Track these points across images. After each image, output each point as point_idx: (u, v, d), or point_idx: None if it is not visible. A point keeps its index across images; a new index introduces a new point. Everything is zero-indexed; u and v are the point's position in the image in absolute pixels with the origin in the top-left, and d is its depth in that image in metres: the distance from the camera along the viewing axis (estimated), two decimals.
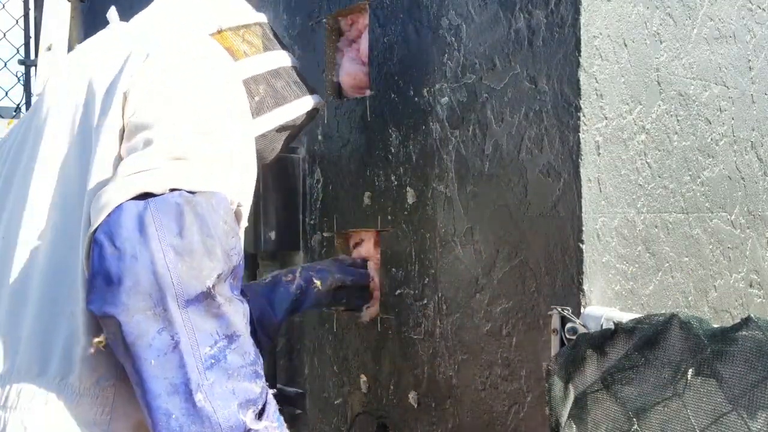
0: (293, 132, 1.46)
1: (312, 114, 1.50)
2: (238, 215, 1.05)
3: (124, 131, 1.04)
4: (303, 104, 1.44)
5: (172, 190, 0.94)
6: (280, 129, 1.39)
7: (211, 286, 0.91)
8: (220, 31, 1.28)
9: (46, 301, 1.03)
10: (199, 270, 0.91)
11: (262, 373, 1.00)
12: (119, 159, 1.02)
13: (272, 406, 1.02)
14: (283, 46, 1.49)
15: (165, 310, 0.89)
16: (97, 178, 1.03)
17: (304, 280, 1.67)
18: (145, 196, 0.93)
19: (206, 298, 0.91)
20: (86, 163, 1.05)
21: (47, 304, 1.03)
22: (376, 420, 1.85)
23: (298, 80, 1.47)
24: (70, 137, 1.10)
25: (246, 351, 0.96)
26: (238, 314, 0.96)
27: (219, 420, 0.91)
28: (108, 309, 0.89)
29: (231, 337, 0.93)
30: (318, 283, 1.68)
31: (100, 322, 0.94)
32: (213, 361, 0.91)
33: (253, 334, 1.21)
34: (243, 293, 1.16)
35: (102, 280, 0.90)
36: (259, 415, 0.97)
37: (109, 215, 0.92)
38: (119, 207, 0.92)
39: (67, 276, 1.03)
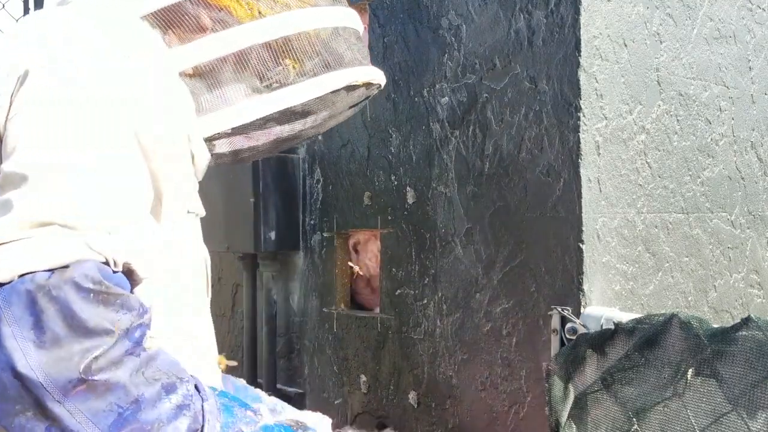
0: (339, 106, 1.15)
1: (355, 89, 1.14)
2: (131, 272, 0.92)
3: None
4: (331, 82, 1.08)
5: (23, 274, 0.82)
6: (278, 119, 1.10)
7: (83, 369, 0.81)
8: None
9: None
10: (68, 358, 0.81)
11: (189, 399, 0.91)
12: None
13: (211, 414, 0.94)
14: None
15: (43, 410, 0.80)
16: None
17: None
18: None
19: (83, 383, 0.82)
20: None
21: None
22: (376, 420, 1.85)
23: (339, 48, 1.10)
24: None
25: (156, 400, 0.87)
26: (137, 371, 0.86)
27: None
28: None
29: (136, 402, 0.85)
30: None
31: None
32: (123, 431, 0.84)
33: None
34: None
35: None
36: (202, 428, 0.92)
37: None
38: None
39: None
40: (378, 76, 1.14)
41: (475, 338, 1.63)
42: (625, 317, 1.32)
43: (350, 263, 1.97)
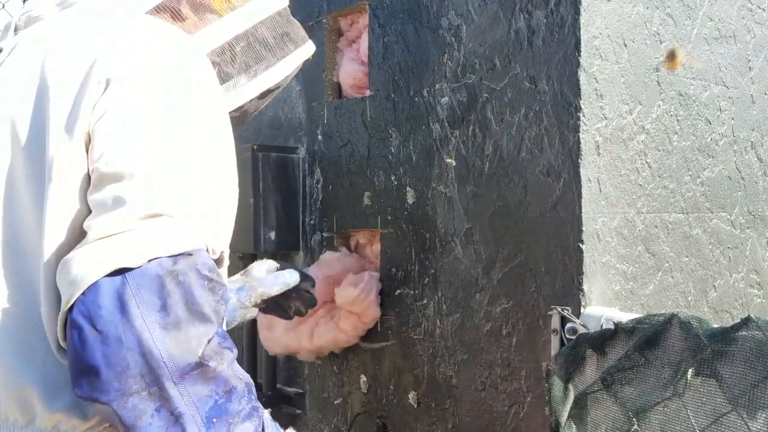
0: (281, 87, 1.34)
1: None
2: (220, 260, 0.99)
3: (89, 175, 0.94)
4: (295, 59, 1.29)
5: (150, 260, 0.88)
6: (270, 90, 1.27)
7: (201, 354, 0.88)
8: None
9: (12, 347, 0.97)
10: (188, 342, 0.87)
11: (257, 404, 0.99)
12: (85, 208, 0.94)
13: (270, 426, 1.02)
14: None
15: (160, 389, 0.86)
16: (54, 232, 0.94)
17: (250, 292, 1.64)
18: (121, 270, 0.86)
19: (200, 366, 0.88)
20: (41, 204, 0.96)
21: (14, 351, 0.97)
22: (376, 420, 1.85)
23: (288, 30, 1.29)
24: (19, 160, 0.99)
25: (241, 396, 0.94)
26: (231, 365, 0.93)
27: None
28: (99, 396, 0.85)
29: (230, 392, 0.92)
30: (241, 299, 1.64)
31: (92, 404, 0.90)
32: (215, 419, 0.90)
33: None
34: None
35: (86, 367, 0.85)
36: None
37: (84, 294, 0.86)
38: (95, 285, 0.86)
39: (31, 323, 0.96)
40: (313, 49, 1.35)
41: (475, 338, 1.63)
42: (625, 317, 1.32)
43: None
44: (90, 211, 0.94)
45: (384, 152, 1.84)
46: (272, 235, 2.01)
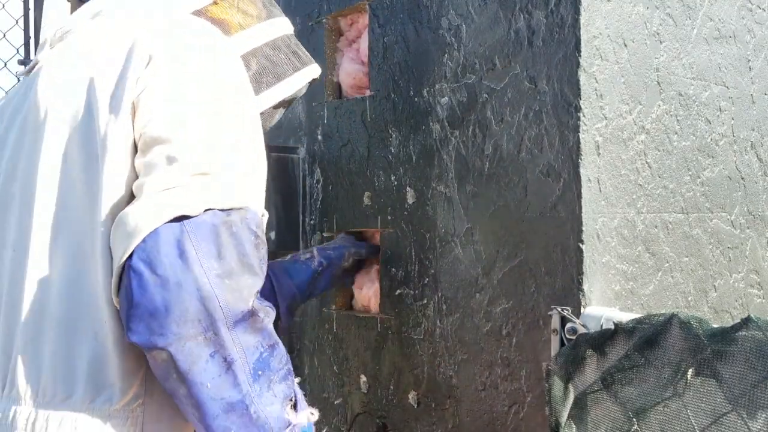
0: (289, 104, 1.43)
1: (311, 83, 1.45)
2: (261, 223, 1.04)
3: (135, 144, 1.00)
4: (303, 77, 1.38)
5: (206, 210, 0.93)
6: (279, 105, 1.34)
7: (252, 303, 0.93)
8: (215, 2, 1.22)
9: (65, 322, 1.00)
10: (240, 290, 0.92)
11: (291, 368, 1.02)
12: (133, 173, 0.99)
13: (299, 395, 1.05)
14: (278, 10, 1.42)
15: (216, 334, 0.90)
16: (109, 193, 0.99)
17: (323, 257, 1.73)
18: (178, 218, 0.91)
19: (251, 315, 0.92)
20: (94, 175, 1.01)
21: (66, 326, 1.00)
22: (376, 420, 1.85)
23: (297, 50, 1.39)
24: (73, 143, 1.05)
25: (282, 354, 0.99)
26: (271, 321, 0.98)
27: (272, 425, 0.95)
28: (157, 341, 0.88)
29: (273, 347, 0.96)
30: (337, 260, 1.75)
31: (147, 353, 0.92)
32: (260, 372, 0.94)
33: (275, 308, 1.30)
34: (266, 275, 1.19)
35: (145, 311, 0.88)
36: (294, 406, 1.02)
37: (144, 241, 0.89)
38: (155, 232, 0.89)
39: (83, 294, 0.99)
40: (319, 71, 1.48)
41: (475, 338, 1.63)
42: (625, 317, 1.32)
43: None
44: (137, 177, 0.99)
45: (384, 152, 1.84)
46: (272, 235, 2.01)
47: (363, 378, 1.89)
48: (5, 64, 3.44)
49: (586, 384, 1.31)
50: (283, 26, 1.37)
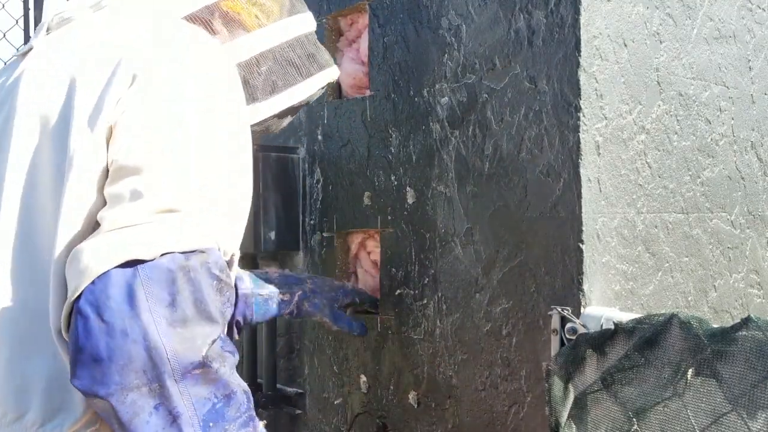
0: (303, 106, 1.36)
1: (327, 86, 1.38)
2: (231, 263, 0.98)
3: (108, 169, 0.95)
4: (315, 82, 1.31)
5: (164, 254, 0.87)
6: (287, 112, 1.28)
7: (205, 354, 0.87)
8: None
9: (21, 341, 0.95)
10: (193, 340, 0.86)
11: (254, 414, 0.97)
12: (100, 201, 0.94)
13: None
14: (302, 4, 1.32)
15: (161, 386, 0.85)
16: (68, 218, 0.94)
17: (296, 307, 1.63)
18: (133, 261, 0.85)
19: (202, 366, 0.87)
20: (60, 192, 0.96)
21: (22, 345, 0.95)
22: (376, 420, 1.85)
23: (314, 51, 1.30)
24: (44, 150, 0.99)
25: (240, 403, 0.93)
26: (232, 369, 0.92)
27: None
28: (99, 389, 0.83)
29: (229, 396, 0.91)
30: (309, 312, 1.65)
31: (88, 400, 0.88)
32: (211, 423, 0.88)
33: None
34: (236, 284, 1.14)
35: (89, 357, 0.83)
36: None
37: (93, 283, 0.84)
38: (106, 275, 0.84)
39: (42, 315, 0.95)
40: (338, 73, 1.42)
41: (475, 338, 1.63)
42: (625, 317, 1.32)
43: None
44: (105, 204, 0.93)
45: (384, 152, 1.84)
46: (272, 235, 2.01)
47: (363, 378, 1.89)
48: (5, 64, 3.44)
49: (586, 384, 1.31)
50: (302, 24, 1.29)
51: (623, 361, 1.25)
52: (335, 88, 2.04)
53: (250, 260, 2.14)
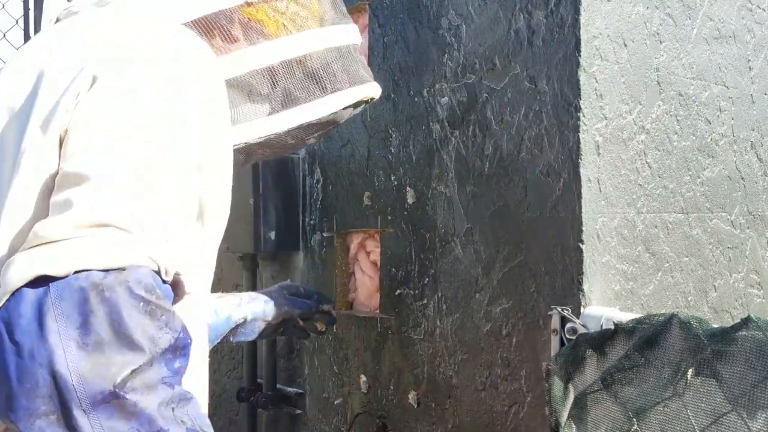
0: (331, 124, 1.24)
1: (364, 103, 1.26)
2: (178, 284, 0.88)
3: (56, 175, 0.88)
4: (342, 98, 1.19)
5: (78, 271, 0.79)
6: (315, 126, 1.18)
7: (119, 383, 0.77)
8: (249, 3, 1.08)
9: None
10: (106, 366, 0.77)
11: None
12: (46, 209, 0.88)
13: None
14: (342, 13, 1.22)
15: (67, 417, 0.76)
16: (11, 224, 0.89)
17: (250, 312, 1.63)
18: (45, 278, 0.78)
19: (114, 398, 0.77)
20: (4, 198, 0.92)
21: None
22: (376, 420, 1.85)
23: (347, 65, 1.19)
24: (8, 143, 0.95)
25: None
26: (166, 404, 0.81)
27: None
28: (8, 413, 0.77)
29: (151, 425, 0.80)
30: (264, 317, 1.65)
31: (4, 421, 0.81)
32: None
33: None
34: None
35: (0, 379, 0.77)
36: None
37: (8, 300, 0.78)
38: (19, 292, 0.77)
39: None
40: (378, 91, 1.25)
41: (475, 338, 1.63)
42: (625, 317, 1.32)
43: None
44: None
45: (384, 152, 1.84)
46: (272, 235, 2.01)
47: (363, 378, 1.89)
48: (5, 64, 3.44)
49: (586, 384, 1.31)
50: (341, 35, 1.19)
51: (623, 361, 1.25)
52: None
53: (250, 260, 2.14)
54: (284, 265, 2.13)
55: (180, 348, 0.83)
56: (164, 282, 0.84)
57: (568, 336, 1.39)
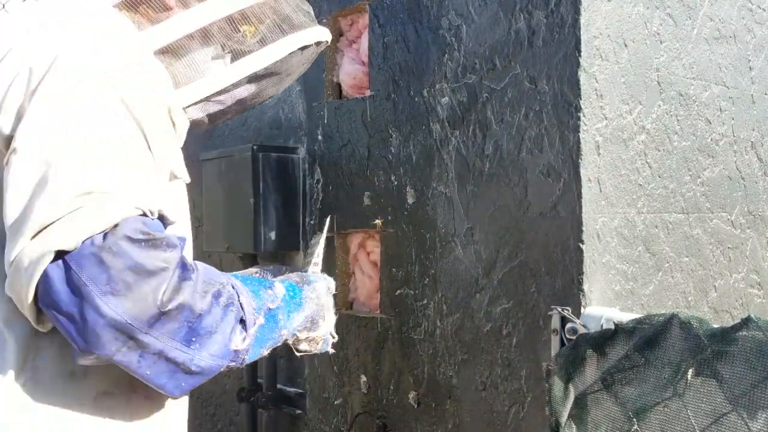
0: (290, 71, 1.30)
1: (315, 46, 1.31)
2: (163, 218, 1.05)
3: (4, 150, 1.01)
4: (285, 46, 1.24)
5: (84, 240, 0.96)
6: (268, 74, 1.25)
7: (159, 303, 0.97)
8: None
9: None
10: (143, 298, 0.96)
11: (231, 300, 1.07)
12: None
13: (247, 304, 1.11)
14: None
15: (135, 342, 0.97)
16: None
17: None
18: (60, 254, 0.95)
19: (161, 313, 0.98)
20: None
21: None
22: (376, 420, 1.85)
23: (290, 13, 1.25)
24: None
25: (213, 306, 1.04)
26: (193, 291, 1.02)
27: (216, 363, 1.04)
28: (89, 352, 0.97)
29: (199, 317, 1.02)
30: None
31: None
32: (193, 339, 1.02)
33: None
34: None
35: (73, 340, 0.97)
36: (244, 324, 1.10)
37: (39, 284, 0.96)
38: (45, 275, 0.95)
39: None
40: (326, 35, 1.30)
41: (475, 338, 1.63)
42: (625, 317, 1.32)
43: None
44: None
45: (384, 152, 1.84)
46: (272, 235, 2.01)
47: (363, 378, 1.89)
48: None
49: (586, 384, 1.31)
50: None
51: (623, 362, 1.25)
52: (335, 88, 2.04)
53: (250, 260, 2.14)
54: (284, 265, 2.13)
55: (182, 248, 1.03)
56: (152, 219, 1.02)
57: (568, 336, 1.39)
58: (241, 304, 1.10)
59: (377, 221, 1.84)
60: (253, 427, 2.18)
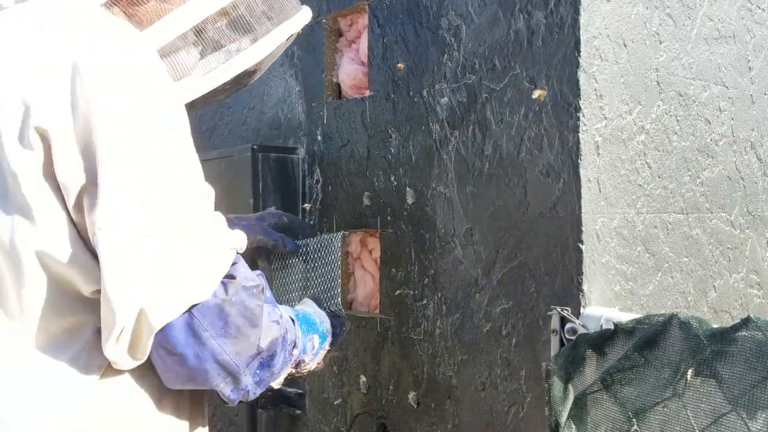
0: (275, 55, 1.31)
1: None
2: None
3: (59, 186, 1.00)
4: (274, 38, 1.26)
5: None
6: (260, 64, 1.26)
7: (258, 347, 1.13)
8: None
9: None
10: (247, 341, 1.10)
11: (287, 334, 1.22)
12: (68, 220, 1.01)
13: (298, 339, 1.31)
14: None
15: (236, 379, 1.12)
16: (44, 240, 1.00)
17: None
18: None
19: (258, 354, 1.14)
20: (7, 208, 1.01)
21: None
22: (375, 420, 1.85)
23: (270, 5, 1.25)
24: None
25: (280, 352, 1.20)
26: (277, 334, 1.18)
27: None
28: (190, 381, 1.11)
29: (272, 356, 1.17)
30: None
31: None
32: (258, 371, 1.17)
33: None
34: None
35: (172, 372, 1.09)
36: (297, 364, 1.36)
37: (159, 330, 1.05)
38: (169, 325, 1.05)
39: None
40: (308, 15, 1.32)
41: (475, 339, 1.63)
42: (625, 317, 1.32)
43: None
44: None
45: (384, 153, 1.84)
46: None
47: (363, 378, 1.89)
48: None
49: (585, 384, 1.31)
50: None
51: (623, 362, 1.25)
52: (335, 89, 2.04)
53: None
54: None
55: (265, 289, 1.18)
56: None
57: (567, 336, 1.39)
58: (294, 337, 1.28)
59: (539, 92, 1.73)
60: (252, 427, 2.18)
